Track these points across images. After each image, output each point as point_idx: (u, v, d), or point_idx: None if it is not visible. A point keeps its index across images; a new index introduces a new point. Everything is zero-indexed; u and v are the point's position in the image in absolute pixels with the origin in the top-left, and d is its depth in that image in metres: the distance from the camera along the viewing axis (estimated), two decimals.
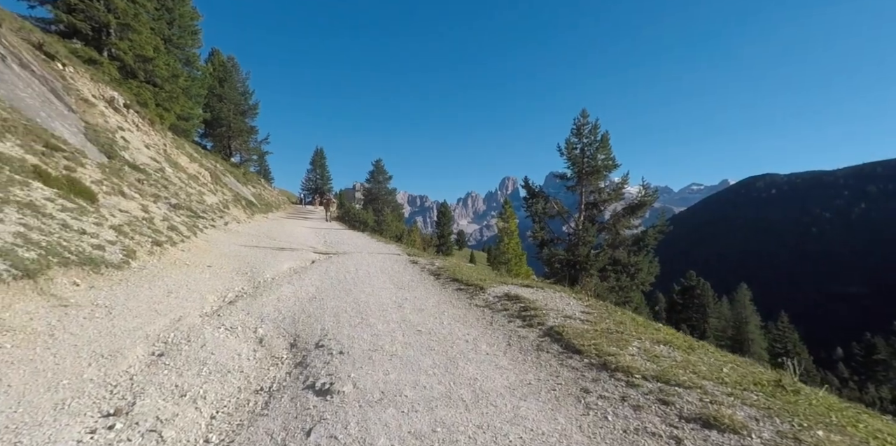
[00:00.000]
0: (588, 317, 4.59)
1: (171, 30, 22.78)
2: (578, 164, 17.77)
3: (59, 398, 2.58)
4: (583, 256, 16.58)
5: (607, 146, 16.99)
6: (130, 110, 15.50)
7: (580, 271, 17.03)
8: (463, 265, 8.42)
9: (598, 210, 18.08)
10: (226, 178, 23.62)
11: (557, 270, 17.29)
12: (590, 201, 18.27)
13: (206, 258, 7.72)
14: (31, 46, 13.12)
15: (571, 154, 17.66)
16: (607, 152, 17.18)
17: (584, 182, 17.81)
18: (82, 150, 9.70)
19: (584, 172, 17.57)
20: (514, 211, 15.86)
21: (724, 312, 37.10)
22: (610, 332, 4.06)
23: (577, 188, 18.55)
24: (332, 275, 7.35)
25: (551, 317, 4.60)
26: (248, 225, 14.56)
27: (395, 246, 12.23)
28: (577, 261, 16.65)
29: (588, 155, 17.63)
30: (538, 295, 5.65)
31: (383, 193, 50.73)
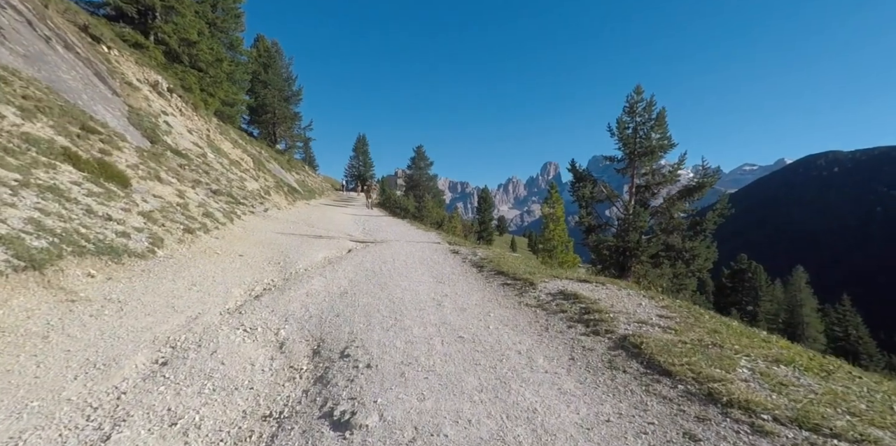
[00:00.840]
0: (669, 324, 3.67)
1: (214, 13, 22.90)
2: (630, 145, 16.15)
3: (16, 429, 2.09)
4: (633, 242, 15.19)
5: (663, 124, 15.23)
6: (174, 95, 15.65)
7: (630, 258, 15.69)
8: (507, 255, 7.59)
9: (650, 193, 16.46)
10: (269, 165, 23.91)
11: (606, 257, 16.01)
12: (641, 184, 16.65)
13: (240, 246, 7.40)
14: (76, 28, 13.35)
15: (623, 134, 16.04)
16: (663, 131, 15.43)
17: (637, 163, 16.20)
18: (122, 134, 9.68)
19: (637, 153, 15.94)
20: (560, 196, 14.70)
21: (778, 296, 34.94)
22: (704, 346, 3.13)
23: (627, 170, 16.97)
24: (368, 266, 6.78)
25: (621, 322, 3.72)
26: (288, 211, 14.44)
27: (434, 233, 11.58)
28: (627, 247, 15.30)
29: (641, 134, 15.96)
30: (600, 292, 4.75)
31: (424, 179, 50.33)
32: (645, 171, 15.72)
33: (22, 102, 6.91)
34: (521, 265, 6.65)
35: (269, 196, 15.07)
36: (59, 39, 11.57)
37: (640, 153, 15.56)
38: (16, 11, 10.75)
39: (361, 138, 56.03)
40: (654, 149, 15.08)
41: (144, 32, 18.76)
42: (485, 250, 8.13)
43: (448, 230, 32.92)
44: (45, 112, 7.34)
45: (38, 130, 6.45)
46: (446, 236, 11.21)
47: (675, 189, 15.95)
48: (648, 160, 15.47)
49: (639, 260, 14.69)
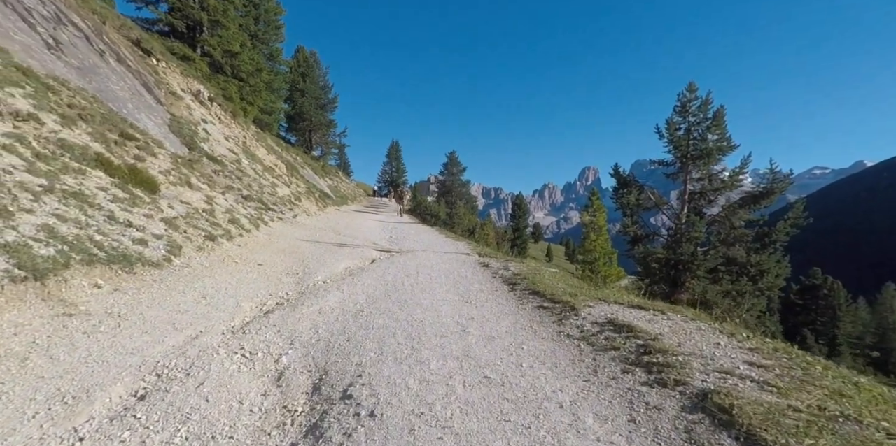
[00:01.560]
0: (766, 376, 2.79)
1: (256, 25, 23.81)
2: (683, 147, 14.87)
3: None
4: (687, 255, 13.87)
5: (721, 124, 13.90)
6: (214, 103, 16.14)
7: (683, 272, 14.34)
8: (543, 270, 6.86)
9: (706, 200, 15.06)
10: (303, 171, 24.34)
11: (655, 271, 14.74)
12: (695, 190, 15.28)
13: (261, 254, 7.16)
14: (130, 43, 14.05)
15: (673, 135, 14.81)
16: (721, 131, 14.08)
17: (690, 168, 14.88)
18: (159, 141, 9.89)
19: (690, 156, 14.65)
20: (601, 203, 13.70)
21: (862, 316, 30.89)
22: (831, 417, 2.22)
23: (679, 175, 15.67)
24: (390, 279, 6.31)
25: (696, 369, 2.97)
26: (317, 217, 14.38)
27: (464, 243, 11.01)
28: (680, 260, 13.98)
29: (696, 136, 14.67)
30: (661, 324, 3.97)
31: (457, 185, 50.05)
32: (700, 176, 14.41)
33: (65, 111, 7.04)
34: (560, 283, 5.93)
35: (300, 202, 15.11)
36: (112, 53, 12.15)
37: (693, 156, 14.29)
38: (76, 28, 11.37)
39: (395, 144, 56.64)
40: (710, 151, 13.78)
41: (192, 45, 19.67)
42: (518, 264, 7.45)
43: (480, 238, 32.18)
44: (86, 120, 7.47)
45: (75, 137, 6.51)
46: (476, 246, 10.60)
47: (735, 195, 14.50)
48: (704, 164, 14.16)
49: (694, 274, 13.38)
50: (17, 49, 7.94)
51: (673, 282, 14.69)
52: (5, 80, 6.25)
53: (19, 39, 8.33)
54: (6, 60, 6.81)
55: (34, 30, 9.27)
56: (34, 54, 8.39)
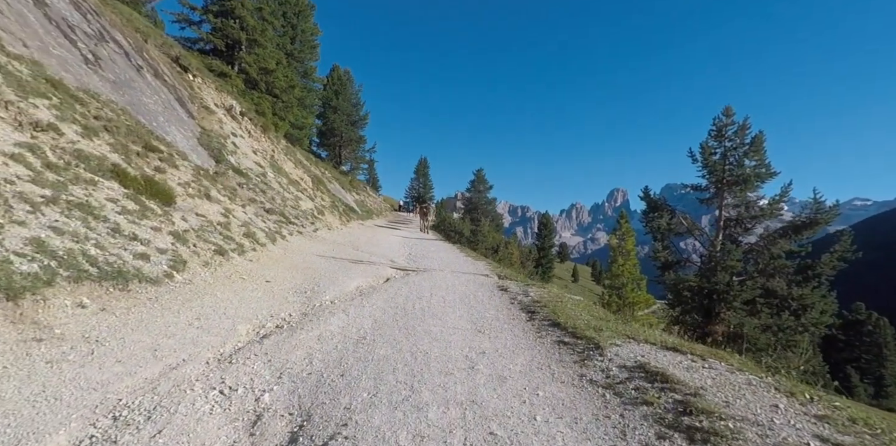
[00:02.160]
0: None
1: (293, 45, 24.77)
2: (718, 172, 14.03)
3: None
4: (722, 284, 12.82)
5: (760, 150, 13.03)
6: (245, 117, 16.57)
7: (717, 302, 13.26)
8: (566, 298, 6.26)
9: (742, 228, 14.03)
10: (330, 185, 24.62)
11: (687, 299, 13.71)
12: (730, 217, 14.29)
13: (271, 270, 6.92)
14: (169, 59, 14.69)
15: (708, 160, 14.00)
16: (760, 158, 13.19)
17: (725, 193, 13.95)
18: (184, 153, 10.05)
19: (726, 182, 13.76)
20: (630, 227, 12.95)
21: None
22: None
23: (713, 201, 14.74)
24: (400, 301, 5.90)
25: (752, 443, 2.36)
26: (338, 232, 14.26)
27: (484, 263, 10.51)
28: (715, 289, 12.94)
29: (732, 161, 13.83)
30: (702, 374, 3.35)
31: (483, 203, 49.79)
32: (736, 203, 13.45)
33: (90, 122, 7.16)
34: (583, 313, 5.34)
35: (322, 216, 15.07)
36: (150, 68, 12.68)
37: (729, 182, 13.42)
38: (117, 45, 11.93)
39: (423, 161, 57.17)
40: (747, 177, 12.90)
41: (230, 63, 20.52)
42: (539, 289, 6.87)
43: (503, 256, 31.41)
44: (110, 131, 7.59)
45: (94, 148, 6.56)
46: (497, 267, 10.07)
47: (774, 224, 13.44)
48: (740, 190, 13.26)
49: (730, 305, 12.31)
50: (53, 63, 8.25)
51: (706, 311, 13.61)
52: (33, 92, 6.39)
53: (57, 54, 8.69)
54: (37, 73, 7.01)
55: (74, 45, 9.70)
56: (70, 68, 8.72)
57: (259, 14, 20.85)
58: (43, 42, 8.66)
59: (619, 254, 12.23)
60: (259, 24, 20.11)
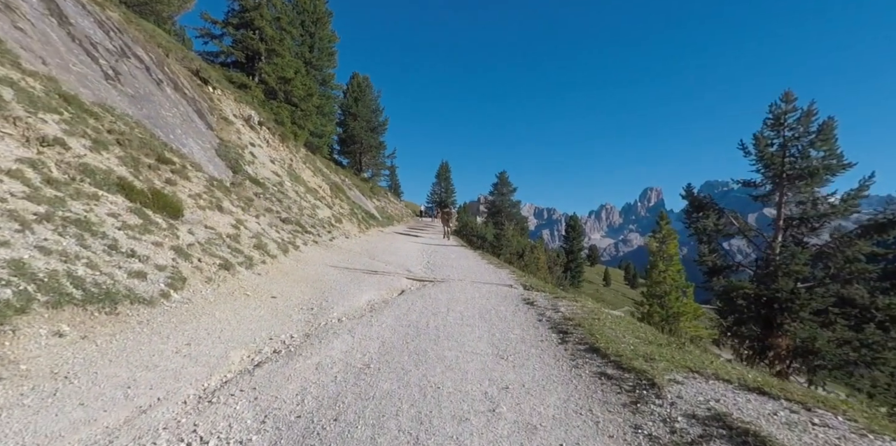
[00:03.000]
0: None
1: (311, 53, 24.95)
2: (776, 166, 12.75)
3: None
4: (785, 292, 11.54)
5: (830, 139, 11.68)
6: (263, 127, 16.60)
7: (780, 312, 11.96)
8: (603, 314, 5.49)
9: (808, 228, 12.65)
10: (350, 192, 24.53)
11: (741, 308, 12.45)
12: (793, 216, 12.94)
13: (279, 284, 6.53)
14: (189, 73, 14.88)
15: (764, 152, 12.75)
16: (830, 147, 11.81)
17: (786, 189, 12.64)
18: (199, 164, 9.93)
19: (788, 176, 12.45)
20: (671, 229, 11.85)
21: None
22: None
23: (770, 198, 13.42)
24: (413, 318, 5.34)
25: None
26: (356, 240, 13.92)
27: (508, 272, 9.81)
28: (776, 298, 11.66)
29: (793, 152, 12.51)
30: (816, 439, 2.53)
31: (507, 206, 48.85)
32: (802, 200, 12.14)
33: (101, 136, 7.03)
34: (627, 334, 4.59)
35: (340, 224, 14.79)
36: (169, 82, 12.81)
37: (791, 176, 12.13)
38: (138, 60, 12.08)
39: (444, 165, 56.84)
40: (814, 170, 11.60)
41: (250, 74, 20.80)
42: (570, 303, 6.13)
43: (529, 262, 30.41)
44: (122, 144, 7.46)
45: (101, 161, 6.38)
46: (521, 276, 9.34)
47: (848, 224, 12.05)
48: (805, 185, 11.93)
49: (795, 315, 11.04)
50: (72, 79, 8.26)
51: (766, 322, 12.31)
52: (44, 107, 6.27)
53: (77, 70, 8.72)
54: (51, 88, 6.94)
55: (96, 62, 9.78)
56: (89, 84, 8.74)
57: (277, 24, 21.06)
58: (63, 59, 8.72)
59: (660, 259, 11.17)
60: (277, 34, 20.29)
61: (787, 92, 12.93)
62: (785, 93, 12.93)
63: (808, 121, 12.45)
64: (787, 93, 12.93)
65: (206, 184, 8.87)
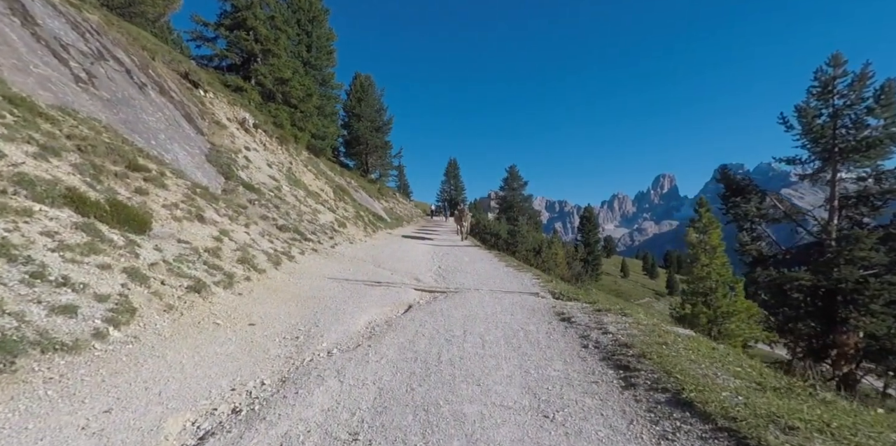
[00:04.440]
0: None
1: (309, 52, 24.06)
2: (825, 140, 11.20)
3: None
4: (850, 282, 10.04)
5: (892, 102, 10.08)
6: (259, 130, 15.70)
7: (843, 305, 10.46)
8: (671, 335, 4.05)
9: (868, 207, 11.07)
10: (356, 194, 23.59)
11: (797, 303, 10.97)
12: (850, 194, 11.38)
13: (262, 306, 5.48)
14: (178, 76, 14.06)
15: (812, 125, 11.21)
16: (891, 113, 10.23)
17: (839, 165, 11.09)
18: (181, 171, 9.00)
19: (841, 150, 10.90)
20: (713, 217, 10.40)
21: None
22: None
23: (821, 175, 11.87)
24: (421, 348, 4.20)
25: None
26: (361, 245, 12.88)
27: (531, 276, 8.60)
28: (839, 289, 10.17)
29: (846, 123, 10.94)
30: None
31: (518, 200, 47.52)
32: (862, 175, 10.61)
33: (53, 142, 6.08)
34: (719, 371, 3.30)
35: (344, 228, 13.78)
36: (154, 85, 11.95)
37: (846, 149, 10.59)
38: (118, 63, 11.23)
39: (452, 162, 55.66)
40: (874, 141, 10.06)
41: (246, 77, 19.99)
42: (618, 316, 4.87)
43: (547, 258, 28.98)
44: (84, 150, 6.52)
45: (46, 170, 5.42)
46: (547, 281, 8.10)
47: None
48: (863, 158, 10.39)
49: (865, 309, 9.56)
50: (30, 81, 7.38)
51: (828, 317, 10.81)
52: None
53: (39, 72, 7.86)
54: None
55: (65, 64, 8.93)
56: (51, 86, 7.86)
57: (272, 23, 20.19)
58: (22, 60, 7.86)
59: (702, 252, 9.78)
60: (272, 34, 19.41)
61: (836, 54, 11.33)
62: (833, 55, 11.33)
63: (863, 85, 10.88)
64: (835, 55, 11.33)
65: (186, 193, 7.91)
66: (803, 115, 11.68)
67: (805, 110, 11.49)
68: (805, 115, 11.40)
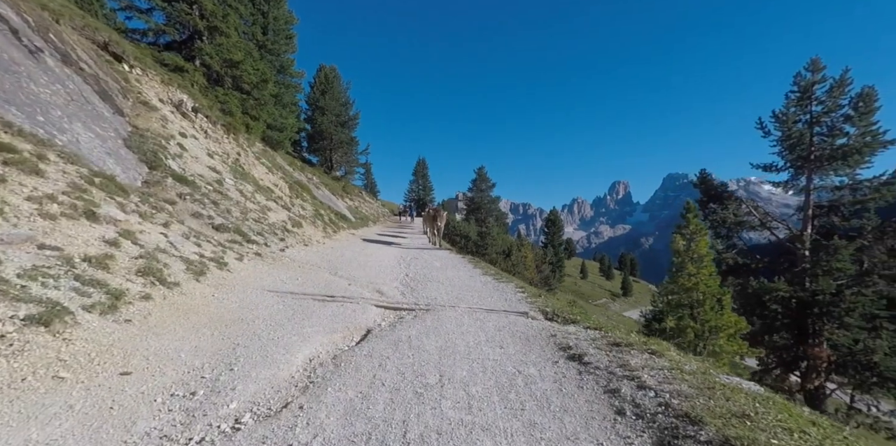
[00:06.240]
0: None
1: (265, 35, 21.92)
2: (802, 147, 10.92)
3: None
4: (825, 294, 9.72)
5: (870, 110, 9.87)
6: (199, 115, 13.68)
7: (817, 317, 10.14)
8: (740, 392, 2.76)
9: (840, 216, 10.89)
10: (318, 191, 21.75)
11: (773, 315, 10.57)
12: (823, 204, 11.18)
13: (156, 340, 3.93)
14: (93, 45, 11.84)
15: (791, 130, 10.89)
16: (867, 121, 10.05)
17: (816, 172, 10.85)
18: (78, 155, 7.12)
19: (817, 157, 10.64)
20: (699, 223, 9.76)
21: None
22: None
23: (793, 184, 11.63)
24: (379, 411, 2.87)
25: None
26: (317, 247, 11.30)
27: (513, 286, 7.45)
28: (816, 301, 9.82)
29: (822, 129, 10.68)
30: None
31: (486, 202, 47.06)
32: (840, 185, 10.35)
33: None
34: None
35: (300, 228, 12.12)
36: (56, 52, 9.77)
37: (822, 157, 10.30)
38: (2, 20, 9.09)
39: (421, 161, 54.37)
40: (851, 150, 9.78)
41: (190, 57, 17.72)
42: (647, 355, 3.65)
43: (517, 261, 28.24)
44: None
45: None
46: (534, 294, 6.96)
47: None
48: (840, 166, 10.12)
49: (840, 322, 9.20)
50: None
51: (800, 330, 10.48)
52: None
53: None
54: None
55: None
56: None
57: None
58: None
59: (689, 261, 9.10)
60: (220, 9, 17.26)
61: (815, 59, 11.11)
62: (812, 60, 11.10)
63: (841, 92, 10.67)
64: (813, 60, 11.11)
65: (75, 182, 6.11)
66: (779, 121, 11.41)
67: (782, 116, 11.21)
68: (784, 122, 11.11)
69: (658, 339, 4.01)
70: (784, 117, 11.29)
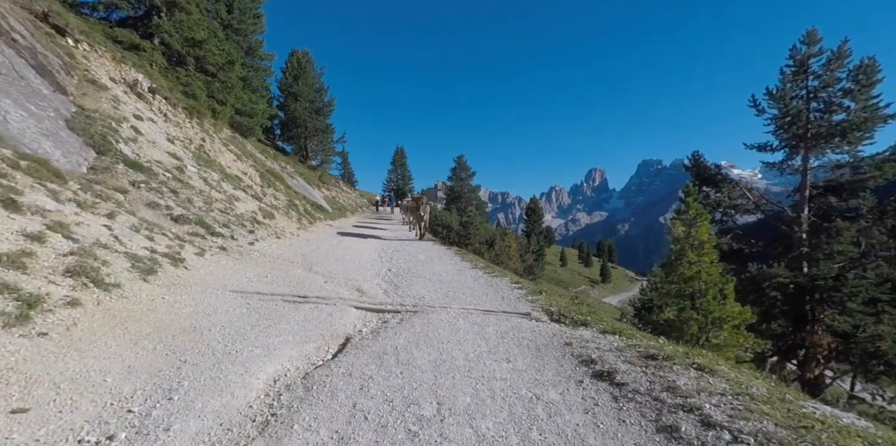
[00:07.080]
0: None
1: (231, 14, 20.36)
2: (798, 124, 10.55)
3: None
4: (826, 278, 9.48)
5: (872, 82, 9.51)
6: (157, 96, 12.44)
7: (817, 303, 9.93)
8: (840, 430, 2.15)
9: (838, 197, 10.63)
10: (292, 180, 20.62)
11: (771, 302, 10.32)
12: (820, 184, 10.91)
13: (78, 358, 3.11)
14: (30, 16, 10.48)
15: (788, 106, 10.48)
16: (868, 95, 9.70)
17: (812, 151, 10.53)
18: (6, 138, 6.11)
19: (814, 135, 10.30)
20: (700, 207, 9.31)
21: None
22: None
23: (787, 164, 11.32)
24: None
25: None
26: (291, 240, 10.42)
27: (507, 281, 6.81)
28: (816, 286, 9.58)
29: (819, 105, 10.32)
30: None
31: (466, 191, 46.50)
32: (840, 163, 10.03)
33: None
34: None
35: (271, 220, 11.19)
36: None
37: (819, 134, 9.94)
38: None
39: (399, 151, 53.13)
40: (850, 126, 9.42)
41: (147, 35, 16.21)
42: (694, 372, 2.99)
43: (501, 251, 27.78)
44: None
45: None
46: (534, 291, 6.31)
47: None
48: (839, 143, 9.78)
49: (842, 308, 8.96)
50: None
51: (797, 316, 10.26)
52: None
53: None
54: None
55: None
56: None
57: None
58: None
59: (690, 248, 8.66)
60: None
61: (811, 30, 10.68)
62: (808, 32, 10.66)
63: (840, 65, 10.27)
64: (809, 32, 10.67)
65: None
66: (774, 98, 11.01)
67: (778, 93, 10.80)
68: (779, 98, 10.71)
69: (701, 350, 3.42)
70: (779, 94, 10.89)
